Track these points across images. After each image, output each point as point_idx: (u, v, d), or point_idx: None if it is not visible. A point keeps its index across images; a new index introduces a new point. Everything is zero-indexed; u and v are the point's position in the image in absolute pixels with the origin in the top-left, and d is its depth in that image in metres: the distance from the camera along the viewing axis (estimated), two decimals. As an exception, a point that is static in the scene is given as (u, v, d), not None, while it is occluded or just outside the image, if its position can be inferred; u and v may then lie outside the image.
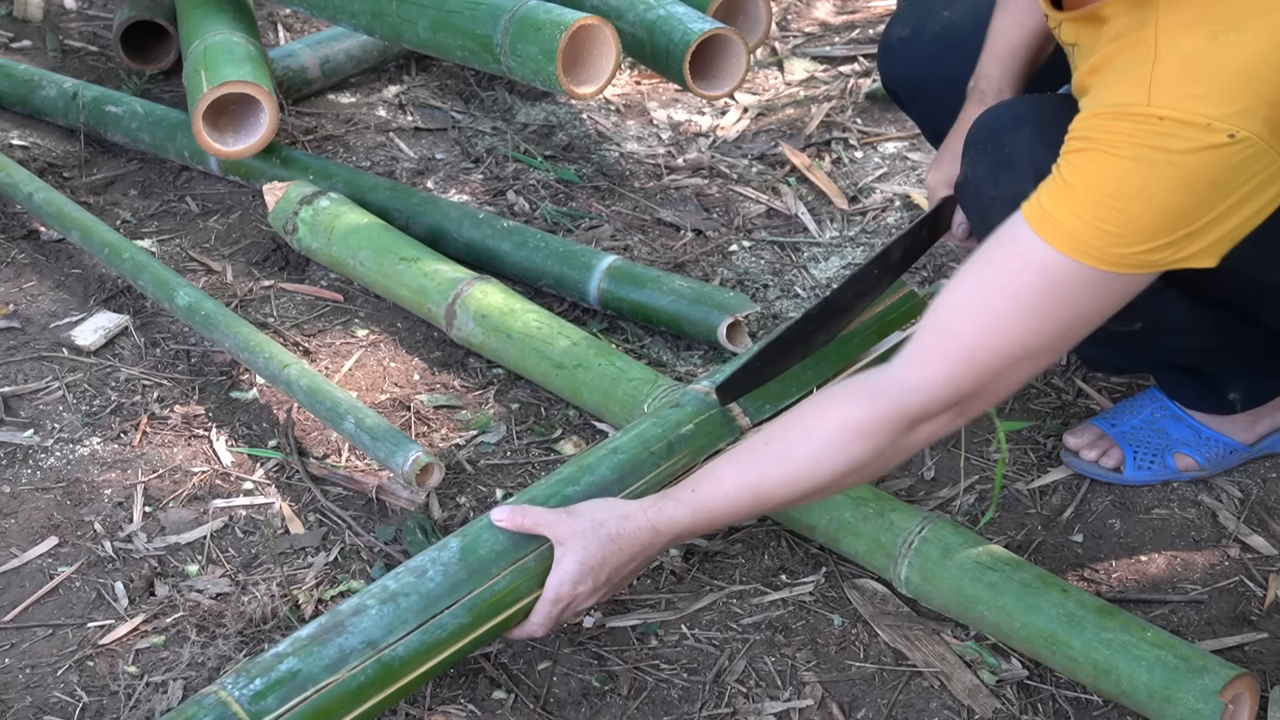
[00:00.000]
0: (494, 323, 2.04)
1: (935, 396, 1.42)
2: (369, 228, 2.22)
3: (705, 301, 2.12)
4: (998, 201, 1.57)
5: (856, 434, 1.45)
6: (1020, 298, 1.36)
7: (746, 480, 1.51)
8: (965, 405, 1.44)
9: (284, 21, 3.13)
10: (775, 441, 1.50)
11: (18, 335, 2.18)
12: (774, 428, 1.53)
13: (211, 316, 2.05)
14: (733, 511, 1.55)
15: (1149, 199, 1.31)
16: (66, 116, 2.68)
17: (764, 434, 1.53)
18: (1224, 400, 1.84)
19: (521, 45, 2.19)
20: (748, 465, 1.52)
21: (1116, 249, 1.33)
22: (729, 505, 1.53)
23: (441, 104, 2.83)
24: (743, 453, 1.54)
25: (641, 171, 2.63)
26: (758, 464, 1.51)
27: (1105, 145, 1.32)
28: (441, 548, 1.56)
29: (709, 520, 1.55)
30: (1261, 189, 1.33)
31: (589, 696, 1.62)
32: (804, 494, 1.53)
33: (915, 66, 1.95)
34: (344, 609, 1.50)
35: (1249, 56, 1.29)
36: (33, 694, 1.62)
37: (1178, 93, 1.29)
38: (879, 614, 1.71)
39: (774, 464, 1.49)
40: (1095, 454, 1.89)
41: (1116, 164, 1.32)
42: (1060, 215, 1.34)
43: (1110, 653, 1.53)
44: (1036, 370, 1.43)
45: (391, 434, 1.83)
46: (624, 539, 1.54)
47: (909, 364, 1.43)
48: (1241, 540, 1.82)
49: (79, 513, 1.87)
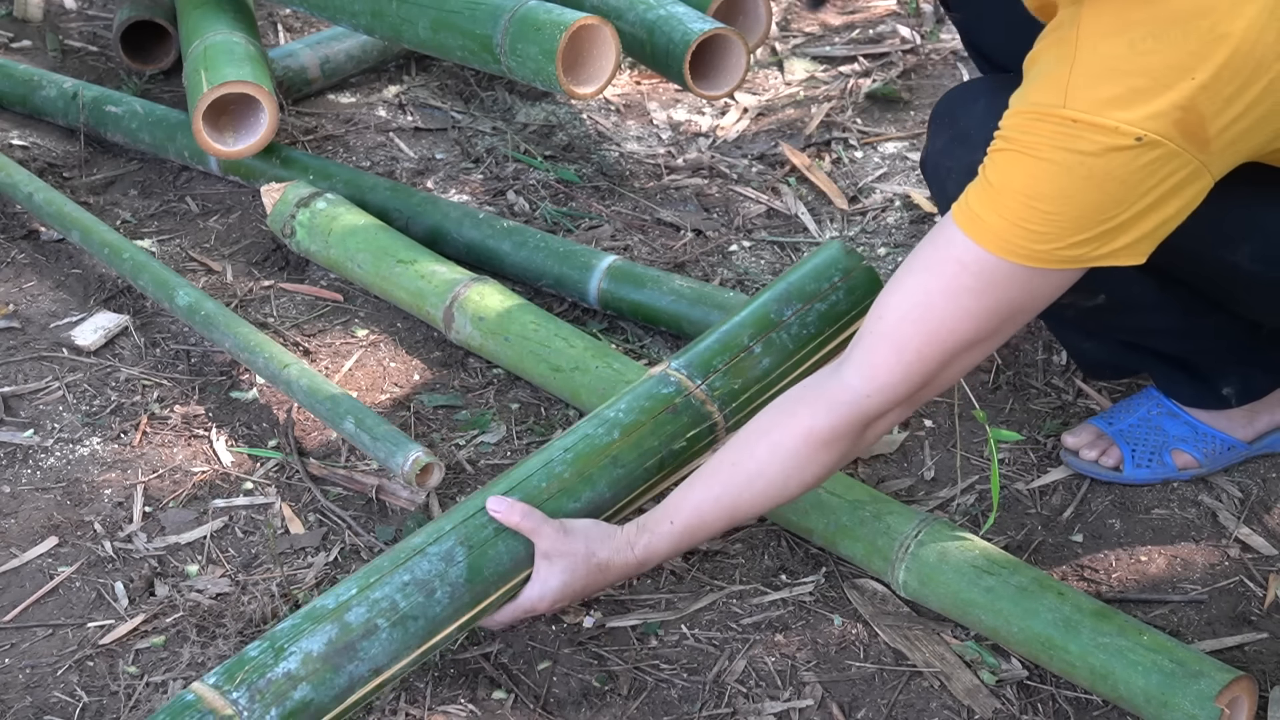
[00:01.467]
0: (491, 325, 2.04)
1: (890, 397, 1.51)
2: (366, 229, 2.22)
3: (705, 301, 2.12)
4: (953, 172, 1.64)
5: (821, 445, 1.54)
6: (960, 299, 1.44)
7: (722, 504, 1.59)
8: (915, 397, 1.53)
9: (284, 21, 3.13)
10: (743, 461, 1.57)
11: (18, 335, 2.18)
12: (738, 445, 1.59)
13: (211, 316, 2.05)
14: (713, 533, 1.65)
15: (1066, 199, 1.37)
16: (66, 116, 2.68)
17: (729, 453, 1.59)
18: (1219, 395, 1.85)
19: (521, 45, 2.19)
20: (721, 489, 1.59)
21: (1039, 246, 1.39)
22: (708, 530, 1.62)
23: (441, 104, 2.83)
24: (714, 477, 1.60)
25: (641, 171, 2.63)
26: (731, 487, 1.58)
27: (1024, 146, 1.38)
28: (449, 559, 1.55)
29: (688, 546, 1.64)
30: (1180, 189, 1.37)
31: (589, 696, 1.62)
32: (779, 504, 1.63)
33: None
34: (352, 622, 1.48)
35: (1162, 63, 1.33)
36: (33, 694, 1.62)
37: (1091, 96, 1.34)
38: (879, 614, 1.71)
39: (746, 484, 1.58)
40: (1094, 453, 1.89)
41: (1035, 165, 1.37)
42: (987, 217, 1.41)
43: (1106, 657, 1.53)
44: (982, 356, 1.52)
45: (391, 434, 1.84)
46: (610, 571, 1.62)
47: (862, 371, 1.51)
48: (1241, 540, 1.82)
49: (79, 513, 1.87)
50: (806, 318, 1.82)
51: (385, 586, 1.52)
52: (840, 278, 1.85)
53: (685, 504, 1.60)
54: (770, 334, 1.80)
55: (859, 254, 1.89)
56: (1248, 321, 1.75)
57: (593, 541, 1.60)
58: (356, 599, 1.50)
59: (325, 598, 1.51)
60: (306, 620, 1.48)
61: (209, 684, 1.43)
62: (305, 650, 1.45)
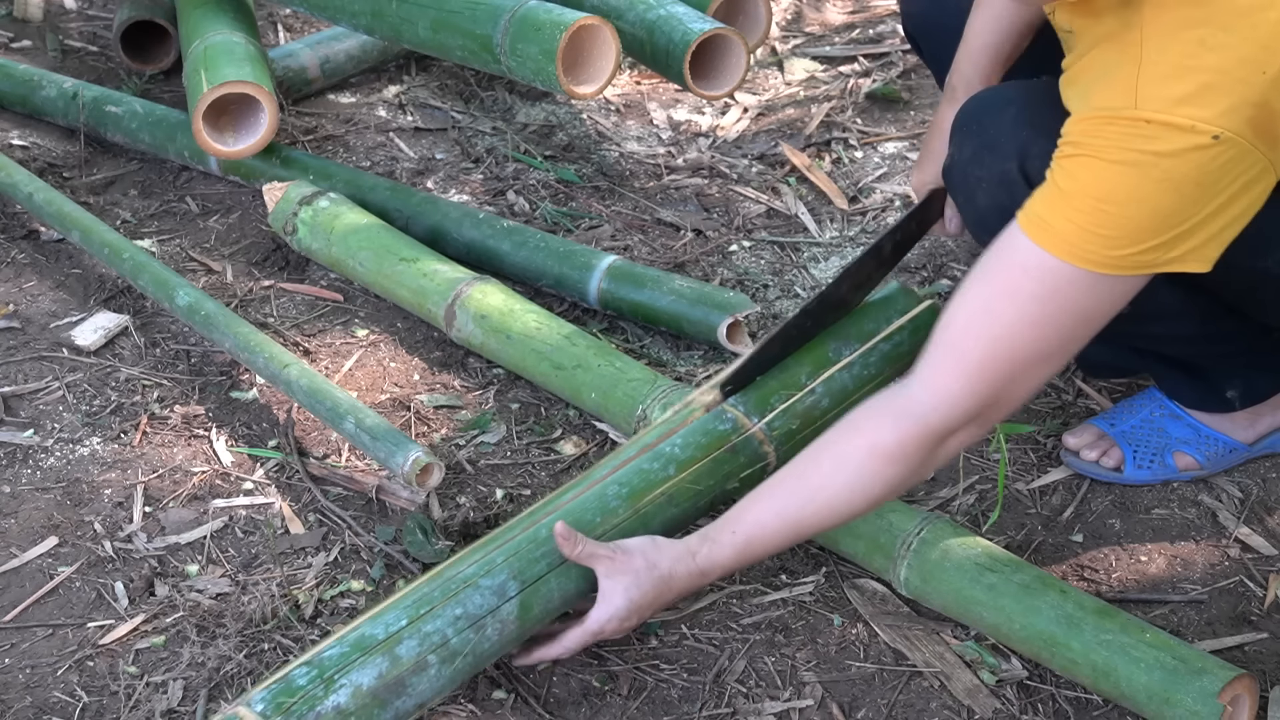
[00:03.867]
0: (493, 324, 2.04)
1: (956, 412, 1.46)
2: (368, 228, 2.22)
3: (705, 301, 2.12)
4: (983, 182, 1.62)
5: (887, 459, 1.49)
6: (1026, 307, 1.40)
7: (786, 518, 1.55)
8: (986, 415, 1.47)
9: (284, 21, 3.13)
10: (809, 474, 1.54)
11: (18, 335, 2.18)
12: (804, 460, 1.56)
13: (211, 316, 2.05)
14: (774, 547, 1.60)
15: (1139, 202, 1.34)
16: (66, 116, 2.68)
17: (795, 466, 1.56)
18: (1222, 398, 1.85)
19: (521, 45, 2.19)
20: (785, 502, 1.56)
21: (1111, 251, 1.36)
22: (770, 542, 1.58)
23: (441, 104, 2.83)
24: (778, 489, 1.57)
25: (641, 171, 2.63)
26: (795, 499, 1.55)
27: (1095, 150, 1.35)
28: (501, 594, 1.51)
29: (751, 558, 1.61)
30: (1247, 189, 1.35)
31: (589, 696, 1.62)
32: (842, 520, 1.59)
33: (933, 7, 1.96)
34: (403, 656, 1.44)
35: (1233, 58, 1.31)
36: (33, 694, 1.62)
37: (1163, 95, 1.32)
38: (879, 614, 1.71)
39: (810, 498, 1.54)
40: (1095, 454, 1.89)
41: (1107, 169, 1.34)
42: (1055, 222, 1.37)
43: (1109, 654, 1.53)
44: (1051, 372, 1.47)
45: (391, 434, 1.83)
46: (675, 581, 1.58)
47: (926, 384, 1.47)
48: (1241, 540, 1.82)
49: (79, 513, 1.87)
50: (869, 358, 1.80)
51: (437, 620, 1.48)
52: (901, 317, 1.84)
53: (747, 515, 1.57)
54: (830, 373, 1.77)
55: (917, 294, 1.87)
56: (1259, 325, 1.74)
57: (651, 555, 1.58)
58: (408, 631, 1.46)
59: (374, 625, 1.47)
60: (356, 650, 1.44)
61: (255, 711, 1.39)
62: (356, 684, 1.42)
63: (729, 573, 1.63)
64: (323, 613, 1.72)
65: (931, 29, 1.99)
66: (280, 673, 1.44)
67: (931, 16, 1.98)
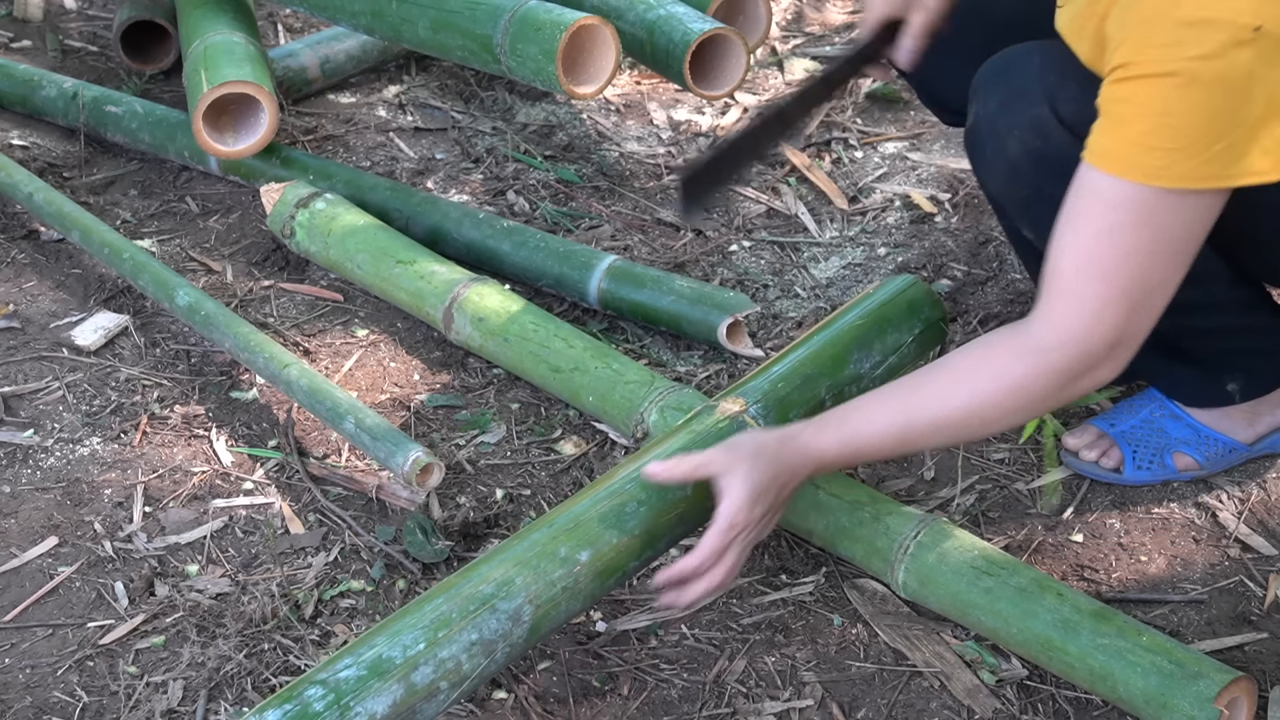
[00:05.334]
0: (491, 326, 2.04)
1: (1081, 350, 1.46)
2: (366, 229, 2.22)
3: (705, 301, 2.12)
4: (1014, 130, 1.62)
5: (1011, 390, 1.49)
6: (1118, 238, 1.41)
7: (896, 421, 1.55)
8: (1115, 351, 1.47)
9: (284, 21, 3.13)
10: (928, 388, 1.54)
11: (18, 335, 2.18)
12: (924, 375, 1.56)
13: (211, 316, 2.06)
14: (876, 449, 1.60)
15: (1196, 107, 1.35)
16: (66, 116, 2.68)
17: (913, 379, 1.57)
18: (1222, 391, 1.84)
19: (521, 45, 2.19)
20: (898, 407, 1.55)
21: (1176, 165, 1.38)
22: (875, 442, 1.57)
23: (441, 104, 2.83)
24: (893, 394, 1.57)
25: (641, 171, 2.63)
26: (908, 407, 1.55)
27: (1142, 68, 1.37)
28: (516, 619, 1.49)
29: (853, 454, 1.60)
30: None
31: (589, 696, 1.62)
32: (950, 440, 1.61)
33: None
34: (419, 685, 1.42)
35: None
36: (33, 694, 1.62)
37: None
38: (879, 614, 1.71)
39: (924, 410, 1.53)
40: (1095, 454, 1.89)
41: (1157, 83, 1.36)
42: (1118, 148, 1.39)
43: (1106, 658, 1.53)
44: (1168, 296, 1.47)
45: (391, 434, 1.84)
46: (783, 458, 1.56)
47: (1046, 325, 1.47)
48: (1241, 540, 1.82)
49: (79, 513, 1.87)
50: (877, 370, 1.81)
51: (453, 645, 1.45)
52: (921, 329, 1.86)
53: (859, 411, 1.57)
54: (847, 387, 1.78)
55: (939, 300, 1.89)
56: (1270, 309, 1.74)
57: (758, 437, 1.58)
58: (424, 655, 1.43)
59: (391, 646, 1.43)
60: (373, 675, 1.41)
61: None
62: (371, 712, 1.39)
63: (829, 465, 1.60)
64: (323, 613, 1.72)
65: None
66: (294, 690, 1.39)
67: None
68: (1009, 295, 2.24)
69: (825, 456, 1.58)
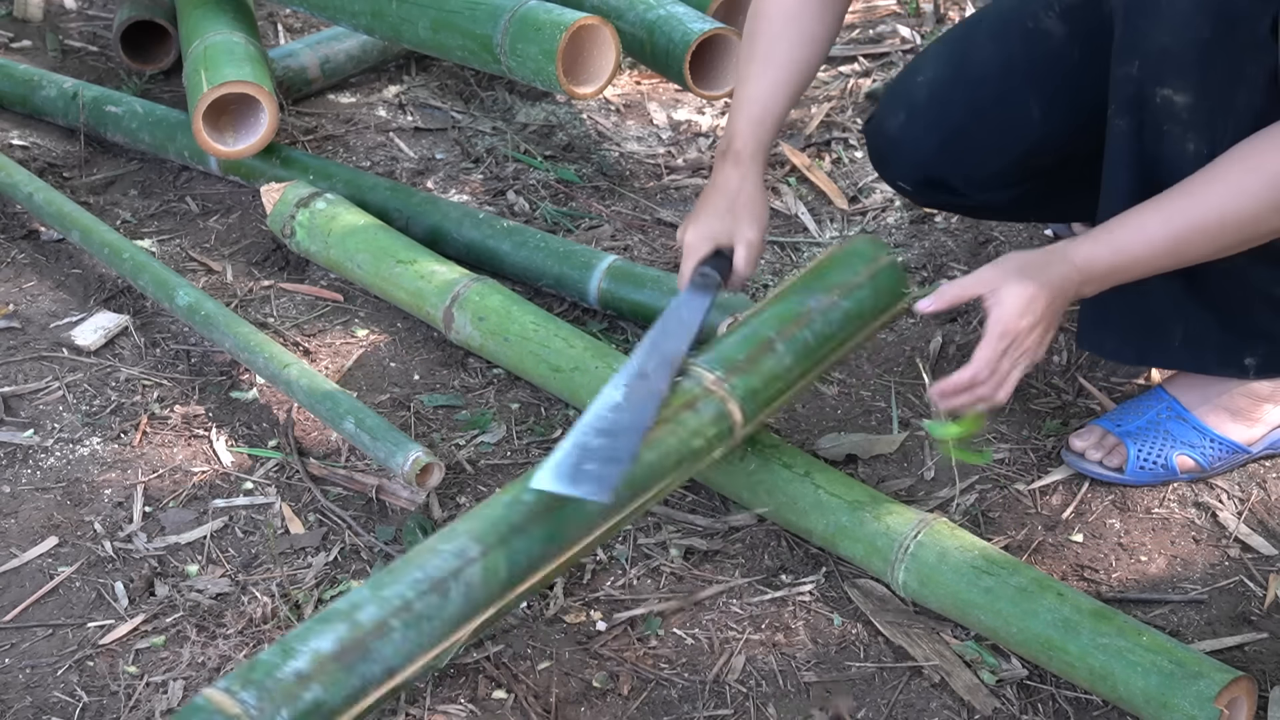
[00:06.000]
0: (491, 325, 2.04)
1: None
2: (366, 229, 2.22)
3: (705, 301, 2.12)
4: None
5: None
6: None
7: (1170, 228, 1.53)
8: None
9: (284, 21, 3.13)
10: (1199, 194, 1.52)
11: (18, 335, 2.18)
12: (1193, 183, 1.53)
13: (211, 316, 2.06)
14: (1149, 260, 1.56)
15: None
16: (66, 116, 2.68)
17: (1182, 188, 1.54)
18: (1240, 364, 1.81)
19: (521, 45, 2.19)
20: (1170, 214, 1.53)
21: None
22: (1147, 252, 1.55)
23: (441, 104, 2.83)
24: (1164, 202, 1.54)
25: (641, 171, 2.63)
26: (1181, 212, 1.52)
27: None
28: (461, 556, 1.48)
29: (1125, 265, 1.56)
30: None
31: (589, 696, 1.62)
32: (1226, 245, 1.55)
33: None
34: (364, 621, 1.43)
35: None
36: (33, 694, 1.62)
37: None
38: (879, 613, 1.71)
39: (1200, 213, 1.51)
40: (1100, 454, 1.88)
41: None
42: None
43: (1106, 658, 1.53)
44: None
45: (391, 434, 1.84)
46: (1050, 270, 1.55)
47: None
48: (1241, 540, 1.82)
49: (79, 513, 1.87)
50: (831, 315, 1.77)
51: (397, 585, 1.46)
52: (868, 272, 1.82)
53: (1129, 220, 1.55)
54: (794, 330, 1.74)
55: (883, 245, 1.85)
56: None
57: (1020, 256, 1.57)
58: (367, 598, 1.45)
59: (339, 603, 1.46)
60: (317, 623, 1.44)
61: (220, 688, 1.38)
62: (315, 649, 1.41)
63: (1102, 276, 1.57)
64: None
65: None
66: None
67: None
68: (1009, 295, 2.24)
69: (1093, 267, 1.55)
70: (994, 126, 1.89)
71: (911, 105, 1.94)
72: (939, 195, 2.02)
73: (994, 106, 1.87)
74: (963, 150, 1.90)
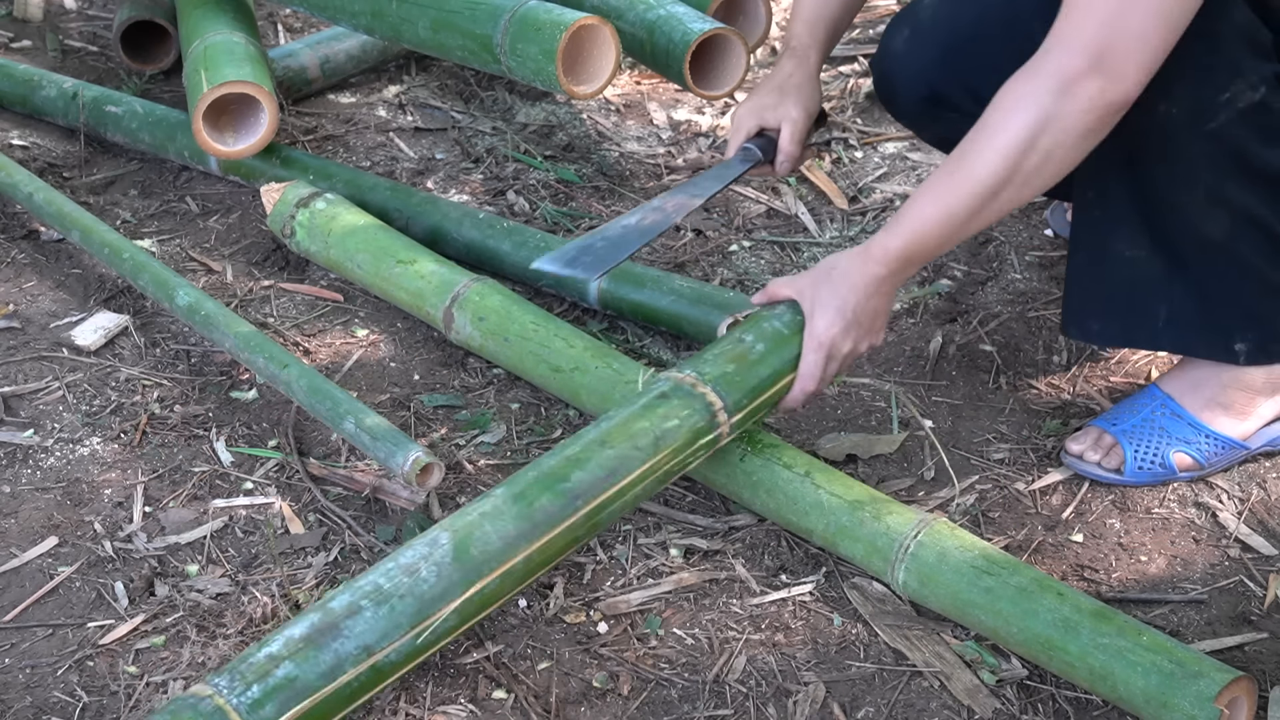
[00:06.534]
0: (491, 325, 2.04)
1: (1075, 50, 1.54)
2: (366, 229, 2.22)
3: (705, 301, 2.12)
4: None
5: (1014, 105, 1.57)
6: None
7: (943, 204, 1.64)
8: (1108, 65, 1.53)
9: (284, 21, 3.13)
10: (957, 168, 1.62)
11: (18, 335, 2.18)
12: (951, 159, 1.64)
13: (211, 316, 2.06)
14: (938, 234, 1.66)
15: None
16: (66, 116, 2.68)
17: (943, 166, 1.65)
18: (1230, 349, 1.82)
19: (521, 45, 2.19)
20: (940, 193, 1.64)
21: None
22: (934, 229, 1.65)
23: (441, 104, 2.83)
24: (934, 184, 1.65)
25: (641, 171, 2.63)
26: (950, 190, 1.63)
27: None
28: (433, 544, 1.54)
29: (919, 245, 1.67)
30: None
31: (589, 696, 1.62)
32: (987, 196, 1.61)
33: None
34: (335, 607, 1.47)
35: None
36: (33, 694, 1.62)
37: None
38: (879, 614, 1.71)
39: (955, 180, 1.62)
40: (1098, 455, 1.89)
41: None
42: None
43: (1106, 658, 1.53)
44: (1169, 38, 1.54)
45: (391, 434, 1.84)
46: (853, 273, 1.70)
47: (1053, 34, 1.56)
48: (1241, 540, 1.82)
49: (79, 513, 1.87)
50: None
51: (370, 575, 1.51)
52: None
53: (912, 205, 1.66)
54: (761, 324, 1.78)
55: None
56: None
57: (825, 261, 1.74)
58: (343, 590, 1.50)
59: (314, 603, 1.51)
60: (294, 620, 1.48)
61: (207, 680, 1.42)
62: (287, 635, 1.45)
63: (902, 260, 1.68)
64: (323, 613, 1.72)
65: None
66: None
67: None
68: (1009, 295, 2.24)
69: (889, 256, 1.68)
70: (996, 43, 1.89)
71: (916, 23, 2.01)
72: (945, 116, 2.01)
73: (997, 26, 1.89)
74: (963, 61, 1.93)
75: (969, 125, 2.06)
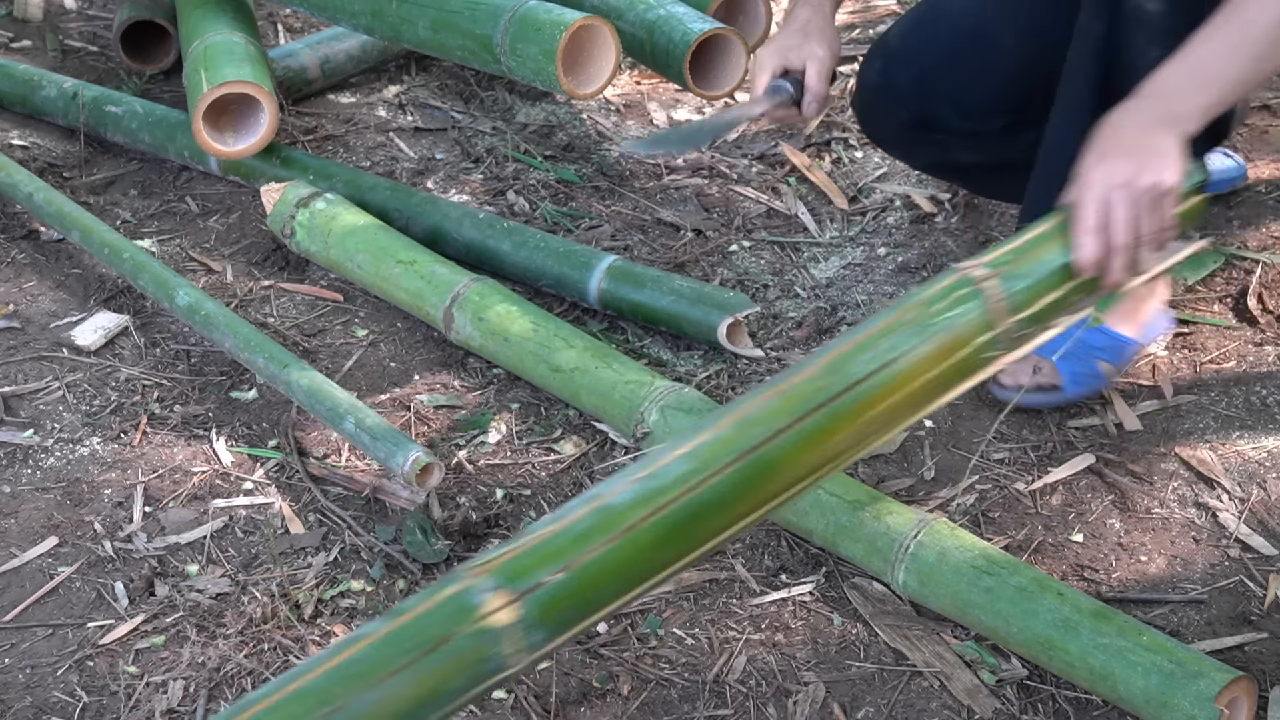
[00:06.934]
0: (491, 326, 2.04)
1: None
2: (366, 229, 2.22)
3: (705, 301, 2.12)
4: None
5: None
6: None
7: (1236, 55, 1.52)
8: None
9: (284, 21, 3.13)
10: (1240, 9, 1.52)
11: (18, 335, 2.18)
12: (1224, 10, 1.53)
13: (211, 316, 2.06)
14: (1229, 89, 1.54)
15: None
16: (66, 116, 2.68)
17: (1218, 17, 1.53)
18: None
19: (521, 45, 2.19)
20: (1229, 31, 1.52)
21: None
22: (1223, 78, 1.53)
23: (441, 104, 2.83)
24: (1219, 26, 1.53)
25: (641, 171, 2.63)
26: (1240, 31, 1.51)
27: None
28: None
29: (1201, 76, 1.53)
30: None
31: (589, 696, 1.62)
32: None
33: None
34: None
35: None
36: (33, 694, 1.62)
37: None
38: (879, 614, 1.71)
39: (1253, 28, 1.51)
40: (1028, 372, 1.91)
41: None
42: None
43: (1106, 658, 1.53)
44: None
45: (391, 434, 1.84)
46: (1127, 119, 1.53)
47: None
48: (1241, 540, 1.82)
49: (79, 513, 1.87)
50: None
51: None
52: None
53: (1190, 50, 1.54)
54: None
55: None
56: None
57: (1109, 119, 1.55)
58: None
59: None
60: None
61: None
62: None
63: (1177, 91, 1.53)
64: (323, 613, 1.72)
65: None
66: None
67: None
68: (1009, 295, 2.24)
69: (1165, 84, 1.54)
70: (968, 58, 1.92)
71: (887, 53, 2.02)
72: (933, 139, 2.01)
73: (966, 40, 1.91)
74: (941, 79, 1.94)
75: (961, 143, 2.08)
